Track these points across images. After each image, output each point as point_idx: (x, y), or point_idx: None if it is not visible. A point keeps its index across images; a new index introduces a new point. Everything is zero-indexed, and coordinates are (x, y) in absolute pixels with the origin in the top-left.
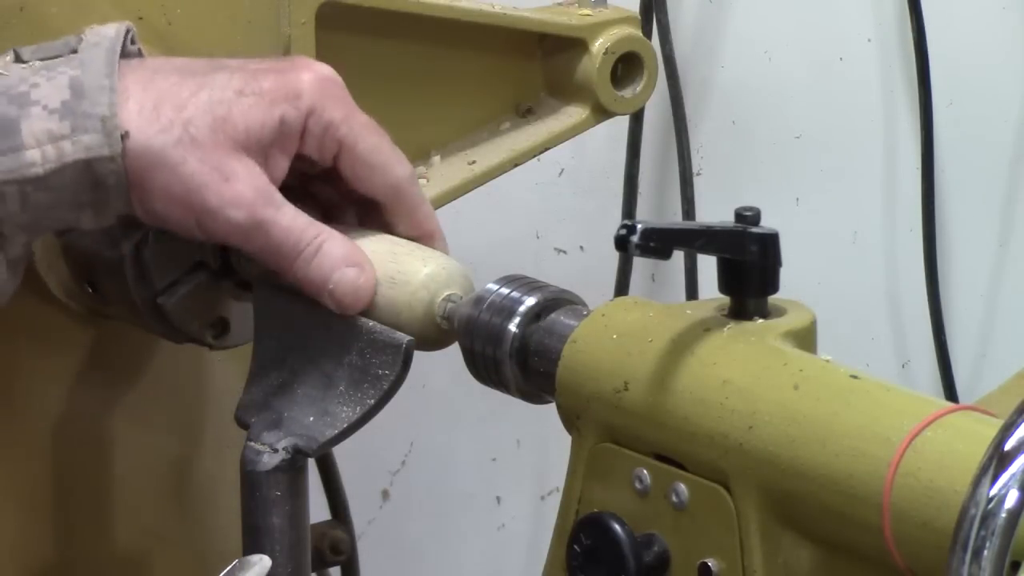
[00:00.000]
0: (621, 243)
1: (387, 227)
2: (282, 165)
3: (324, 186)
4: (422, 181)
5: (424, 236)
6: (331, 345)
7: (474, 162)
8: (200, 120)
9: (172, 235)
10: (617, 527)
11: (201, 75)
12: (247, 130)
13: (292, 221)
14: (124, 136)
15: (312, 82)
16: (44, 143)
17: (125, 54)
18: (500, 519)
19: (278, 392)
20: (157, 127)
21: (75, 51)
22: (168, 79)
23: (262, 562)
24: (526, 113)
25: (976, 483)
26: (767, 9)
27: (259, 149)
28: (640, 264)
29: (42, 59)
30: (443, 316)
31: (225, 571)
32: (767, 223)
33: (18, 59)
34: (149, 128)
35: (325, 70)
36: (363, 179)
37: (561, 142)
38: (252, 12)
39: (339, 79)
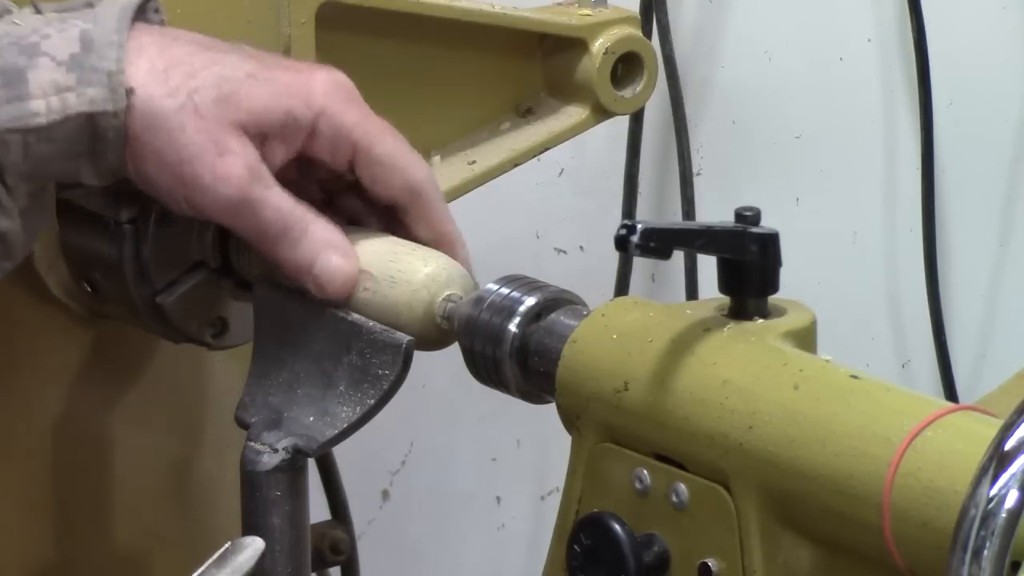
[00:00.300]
0: (621, 243)
1: (406, 230)
2: (279, 155)
3: (349, 198)
4: None
5: (442, 238)
6: (331, 345)
7: (474, 162)
8: (206, 91)
9: (171, 230)
10: (617, 527)
11: (217, 51)
12: (250, 111)
13: (280, 202)
14: (129, 92)
15: (326, 84)
16: (49, 94)
17: (146, 20)
18: (500, 519)
19: (278, 392)
20: (164, 89)
21: (91, 5)
22: (185, 48)
23: (255, 544)
24: (526, 113)
25: (976, 483)
26: (767, 9)
27: (258, 133)
28: (640, 264)
29: (58, 11)
30: (443, 316)
31: (218, 553)
32: (767, 223)
33: (36, 11)
34: (155, 89)
35: (339, 75)
36: (380, 181)
37: (561, 142)
38: (252, 12)
39: (352, 85)
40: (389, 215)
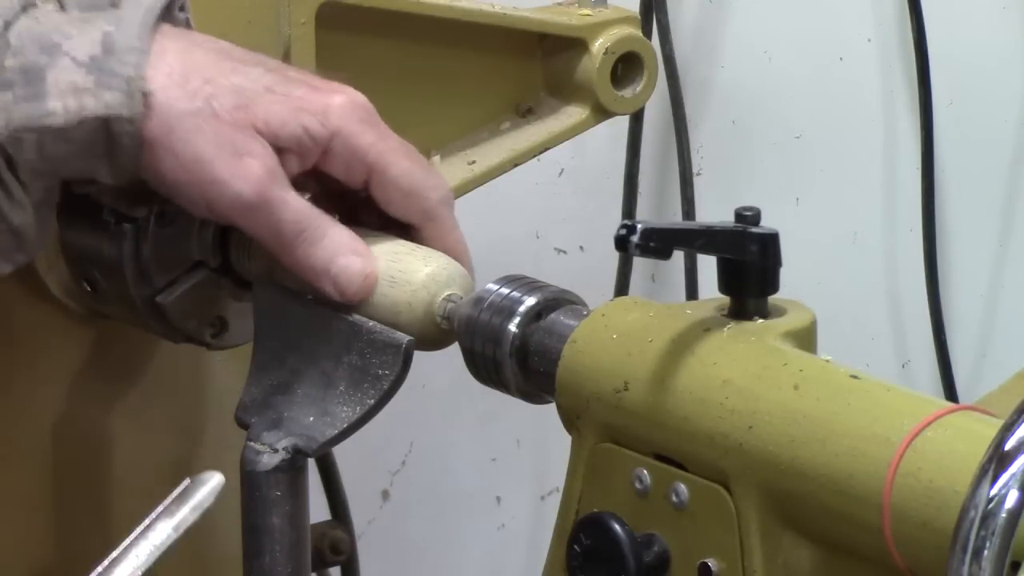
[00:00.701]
0: (621, 243)
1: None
2: (292, 169)
3: (367, 212)
4: None
5: (449, 254)
6: (331, 345)
7: (474, 162)
8: (224, 98)
9: (171, 230)
10: (617, 527)
11: (238, 62)
12: (267, 122)
13: (298, 203)
14: (147, 95)
15: (343, 104)
16: (67, 95)
17: (173, 20)
18: (500, 519)
19: (278, 392)
20: (182, 93)
21: (116, 5)
22: (206, 55)
23: (215, 479)
24: (526, 113)
25: (976, 483)
26: (767, 9)
27: (273, 146)
28: (640, 264)
29: (82, 9)
30: (443, 316)
31: (178, 489)
32: (767, 223)
33: (60, 7)
34: (174, 92)
35: (358, 96)
36: (395, 203)
37: (561, 142)
38: (252, 12)
39: (371, 105)
40: (405, 229)
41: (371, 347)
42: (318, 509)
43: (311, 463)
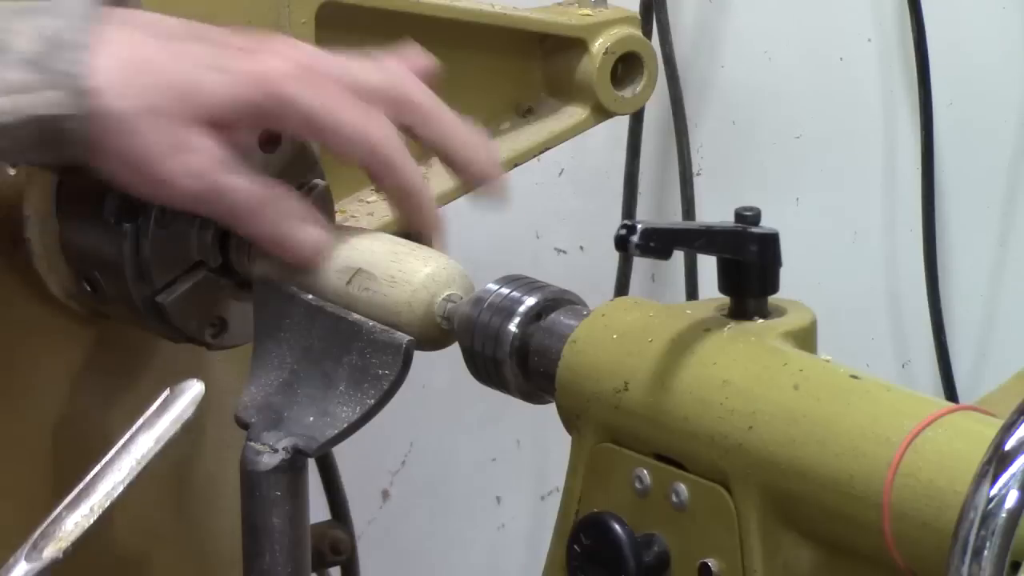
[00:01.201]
0: (621, 243)
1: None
2: (249, 137)
3: None
4: None
5: (403, 192)
6: (331, 345)
7: None
8: (168, 91)
9: (171, 230)
10: (617, 527)
11: (179, 42)
12: (211, 107)
13: (247, 185)
14: (91, 95)
15: (278, 68)
16: (11, 92)
17: (117, 1)
18: (500, 519)
19: (278, 392)
20: (124, 91)
21: None
22: (151, 44)
23: (194, 388)
24: (526, 113)
25: (976, 483)
26: (767, 9)
27: (222, 124)
28: (640, 264)
29: None
30: (443, 316)
31: (159, 401)
32: (767, 223)
33: None
34: (116, 90)
35: (292, 51)
36: (345, 154)
37: (561, 142)
38: (252, 12)
39: (306, 57)
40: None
41: (371, 347)
42: (318, 509)
43: (311, 463)
